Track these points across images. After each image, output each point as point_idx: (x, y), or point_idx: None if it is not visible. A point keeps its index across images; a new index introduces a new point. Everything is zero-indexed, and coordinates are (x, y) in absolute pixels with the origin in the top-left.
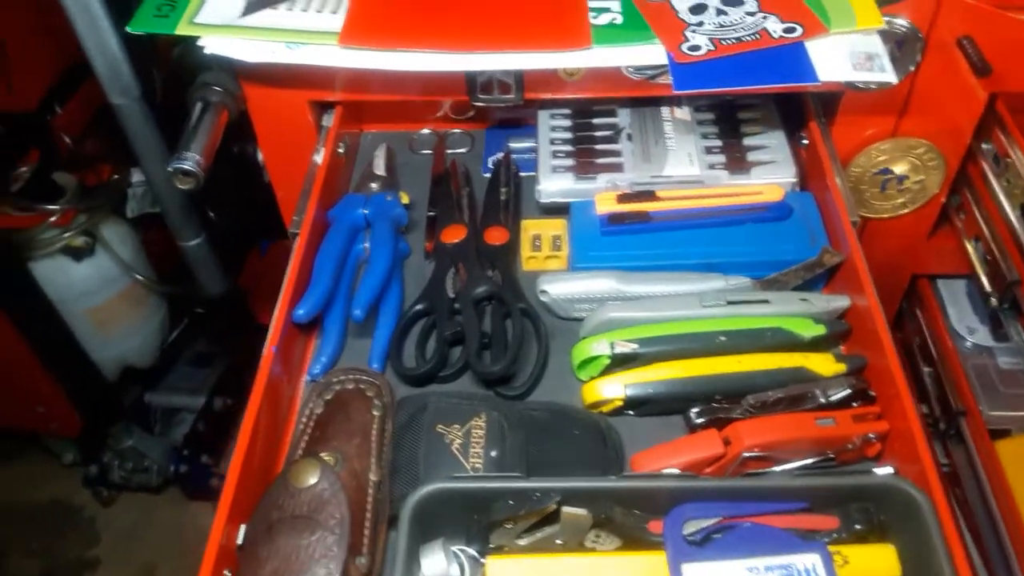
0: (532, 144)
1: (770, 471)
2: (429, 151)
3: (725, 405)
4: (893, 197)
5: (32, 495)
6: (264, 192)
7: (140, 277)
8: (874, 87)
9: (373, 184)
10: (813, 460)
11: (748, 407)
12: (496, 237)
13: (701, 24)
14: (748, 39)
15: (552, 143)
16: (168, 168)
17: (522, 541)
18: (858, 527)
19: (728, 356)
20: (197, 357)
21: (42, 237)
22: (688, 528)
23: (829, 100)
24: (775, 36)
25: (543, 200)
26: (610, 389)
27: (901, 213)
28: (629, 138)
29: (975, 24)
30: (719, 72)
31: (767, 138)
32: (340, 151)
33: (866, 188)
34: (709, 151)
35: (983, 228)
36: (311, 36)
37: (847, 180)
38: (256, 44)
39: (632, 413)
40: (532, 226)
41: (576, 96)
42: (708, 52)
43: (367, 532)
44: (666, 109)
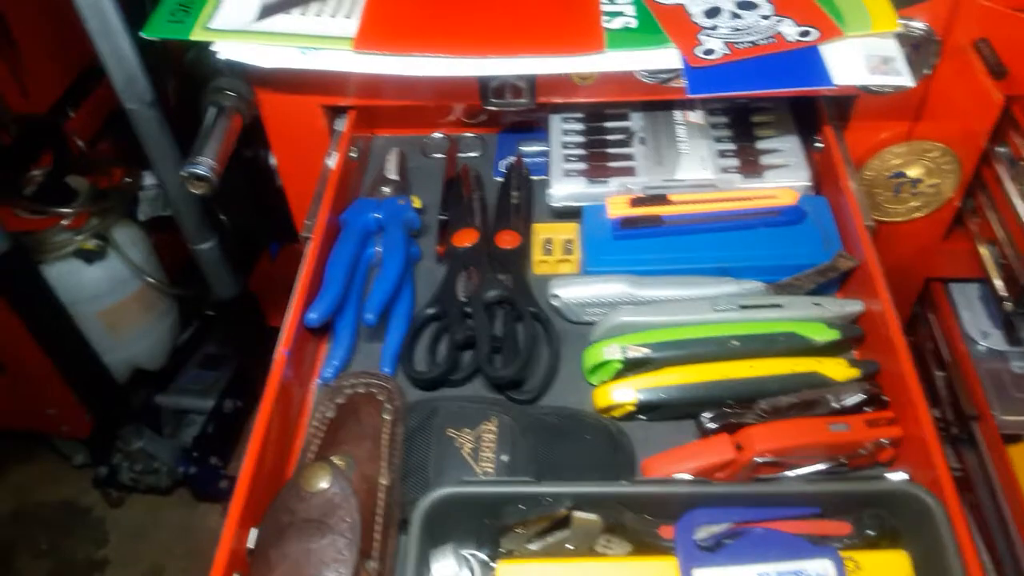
0: (543, 148)
1: (782, 476)
2: (441, 155)
3: (737, 410)
4: (907, 201)
5: (42, 496)
6: (275, 196)
7: (151, 280)
8: (890, 90)
9: (385, 188)
10: (825, 465)
11: (760, 412)
12: (507, 241)
13: (715, 28)
14: (763, 43)
15: (564, 147)
16: (181, 173)
17: (533, 546)
18: (871, 533)
19: (741, 361)
20: (207, 359)
21: (54, 240)
22: (699, 533)
23: (843, 103)
24: (790, 40)
25: (554, 204)
26: (622, 394)
27: (915, 217)
28: (642, 142)
29: (992, 27)
30: (734, 76)
31: (781, 141)
32: (353, 155)
33: (880, 192)
34: (722, 155)
35: (997, 232)
36: (325, 41)
37: (861, 183)
38: (270, 49)
39: (644, 418)
40: (543, 230)
41: (589, 100)
42: (723, 56)
43: (377, 536)
44: (679, 113)
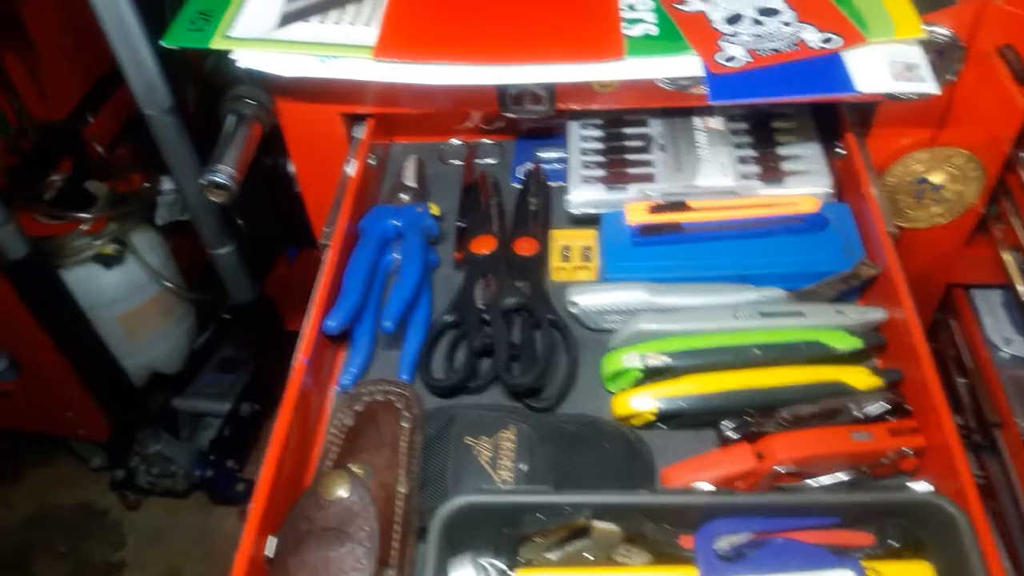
0: (561, 154)
1: (803, 486)
2: (459, 162)
3: (758, 419)
4: (929, 207)
5: (60, 498)
6: (293, 202)
7: (169, 284)
8: (914, 97)
9: (403, 195)
10: (848, 475)
11: (782, 421)
12: (525, 248)
13: (737, 34)
14: (785, 50)
15: (582, 153)
16: (201, 181)
17: (552, 555)
18: (893, 543)
19: (761, 369)
20: (224, 362)
21: (73, 245)
22: (720, 543)
23: (866, 109)
24: (813, 47)
25: (573, 210)
26: (641, 402)
27: (937, 223)
28: (661, 148)
29: (1017, 32)
30: (756, 83)
31: (802, 148)
32: (371, 162)
33: (902, 198)
34: (743, 161)
35: (1021, 238)
36: (345, 50)
37: (883, 190)
38: (290, 58)
39: (663, 426)
40: (561, 236)
41: (608, 107)
42: (745, 63)
43: (396, 545)
44: (699, 119)
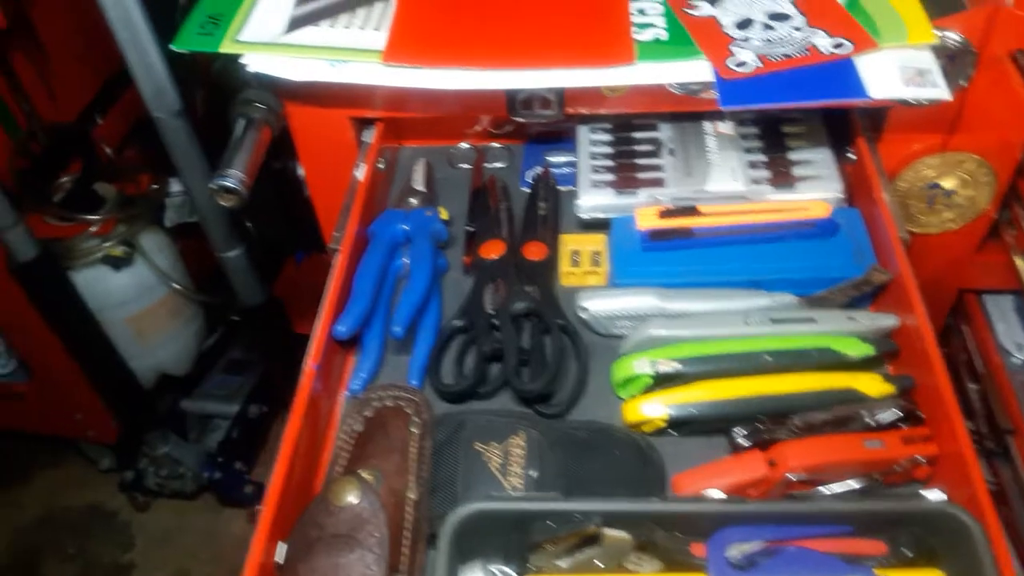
0: (571, 158)
1: (816, 493)
2: (468, 165)
3: (770, 426)
4: (941, 212)
5: (69, 500)
6: (302, 205)
7: (178, 286)
8: (926, 103)
9: (412, 199)
10: (860, 483)
11: (794, 428)
12: (535, 253)
13: (748, 39)
14: (796, 55)
15: (592, 157)
16: (211, 186)
17: (562, 563)
18: (907, 552)
19: (773, 376)
20: (232, 364)
21: (82, 247)
22: (732, 551)
23: (877, 114)
24: (824, 52)
25: (583, 215)
26: (652, 409)
27: (948, 228)
28: (671, 152)
29: None
30: (766, 88)
31: (812, 153)
32: (380, 166)
33: (913, 203)
34: (753, 166)
35: None
36: (354, 54)
37: (893, 195)
38: (299, 62)
39: (674, 433)
40: (571, 241)
41: (617, 111)
42: (755, 68)
43: (406, 551)
44: (708, 123)
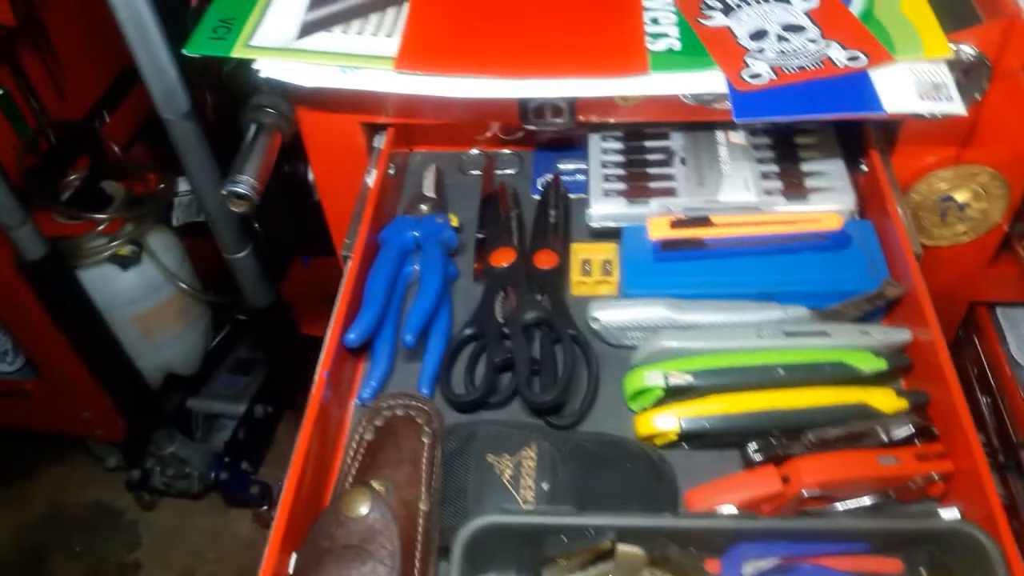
0: (582, 166)
1: (830, 510)
2: (478, 172)
3: (784, 441)
4: (953, 225)
5: (75, 498)
6: (311, 209)
7: (185, 286)
8: (940, 117)
9: (423, 206)
10: (874, 499)
11: (808, 444)
12: (545, 261)
13: (762, 51)
14: (811, 67)
15: (603, 166)
16: (222, 191)
17: None
18: (923, 571)
19: (786, 390)
20: (239, 364)
21: (90, 245)
22: (746, 568)
23: (890, 126)
24: (839, 64)
25: (594, 224)
26: (664, 422)
27: (961, 241)
28: (683, 162)
29: None
30: (781, 101)
31: (825, 164)
32: (390, 172)
33: (925, 216)
34: (765, 176)
35: None
36: (366, 61)
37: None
38: (311, 68)
39: (686, 446)
40: (581, 250)
41: (629, 120)
42: (769, 80)
43: (417, 563)
44: (721, 133)
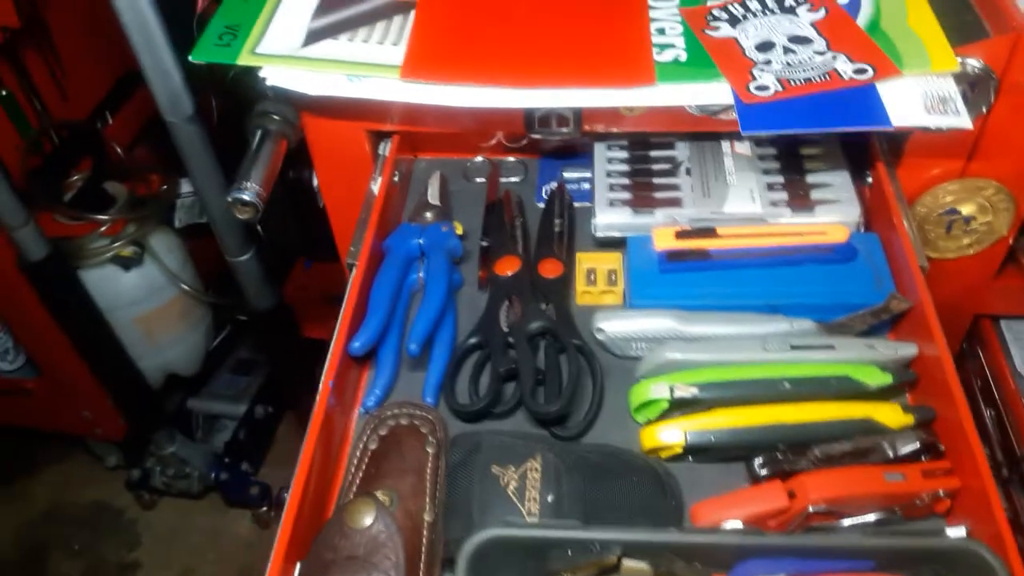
0: (586, 174)
1: (836, 526)
2: (483, 179)
3: (790, 456)
4: (959, 238)
5: (75, 497)
6: (314, 212)
7: (187, 287)
8: (947, 131)
9: (427, 213)
10: (880, 515)
11: (814, 459)
12: (550, 270)
13: (769, 63)
14: (817, 80)
15: (608, 175)
16: (227, 199)
17: None
18: None
19: (792, 404)
20: (239, 364)
21: (92, 246)
22: None
23: (895, 138)
24: (845, 77)
25: (599, 234)
26: (669, 435)
27: (966, 254)
28: (688, 172)
29: None
30: (787, 113)
31: (830, 176)
32: (395, 179)
33: (931, 228)
34: (771, 188)
35: None
36: (372, 69)
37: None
38: (317, 76)
39: (691, 459)
40: (586, 259)
41: (634, 130)
42: (776, 93)
43: (421, 575)
44: (726, 143)
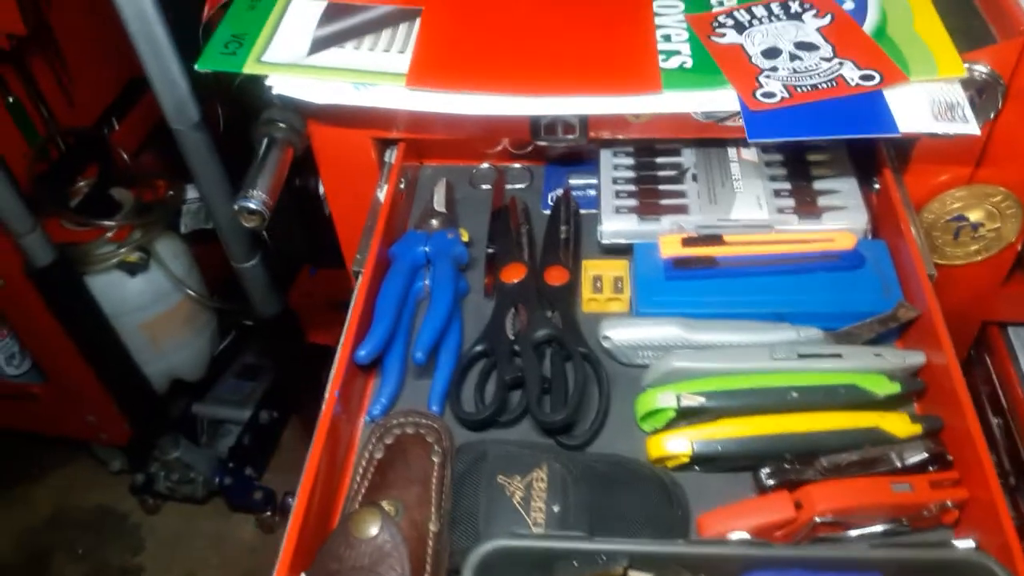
0: (592, 181)
1: (843, 537)
2: (488, 186)
3: (797, 466)
4: (967, 244)
5: (80, 501)
6: (320, 219)
7: (193, 293)
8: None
9: (433, 220)
10: (887, 526)
11: (821, 469)
12: (556, 277)
13: (775, 69)
14: (824, 86)
15: (614, 182)
16: (234, 207)
17: None
18: None
19: (799, 414)
20: (244, 369)
21: (98, 252)
22: None
23: (903, 145)
24: (852, 84)
25: (605, 241)
26: (676, 444)
27: (974, 260)
28: (694, 178)
29: None
30: (794, 121)
31: (837, 182)
32: (401, 186)
33: (939, 235)
34: (778, 194)
35: None
36: (378, 77)
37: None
38: (323, 84)
39: (698, 468)
40: (592, 266)
41: (640, 137)
42: (782, 99)
43: None
44: (732, 150)
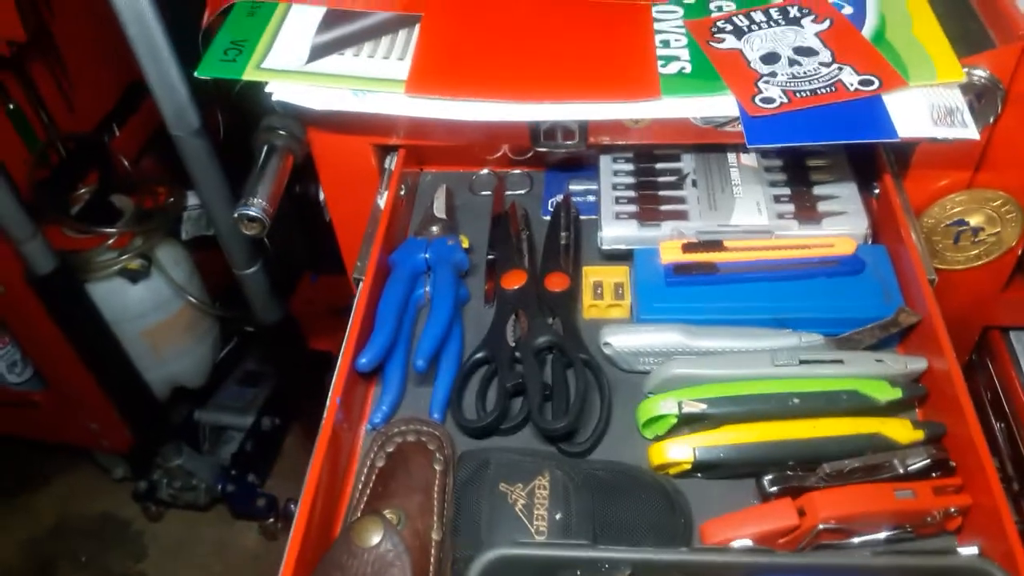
0: (592, 187)
1: (847, 544)
2: (488, 192)
3: (799, 473)
4: (967, 249)
5: (82, 509)
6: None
7: (194, 300)
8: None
9: (434, 227)
10: (890, 533)
11: (824, 476)
12: (556, 284)
13: (774, 74)
14: (823, 92)
15: (614, 188)
16: (234, 215)
17: None
18: None
19: (801, 420)
20: (246, 376)
21: (100, 259)
22: None
23: (902, 149)
24: (851, 89)
25: (605, 247)
26: (678, 451)
27: (975, 265)
28: (694, 184)
29: None
30: (793, 126)
31: (837, 187)
32: (401, 193)
33: (939, 239)
34: (778, 200)
35: None
36: (377, 84)
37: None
38: (323, 91)
39: (700, 475)
40: (593, 273)
41: (640, 142)
42: (782, 105)
43: None
44: (732, 155)
